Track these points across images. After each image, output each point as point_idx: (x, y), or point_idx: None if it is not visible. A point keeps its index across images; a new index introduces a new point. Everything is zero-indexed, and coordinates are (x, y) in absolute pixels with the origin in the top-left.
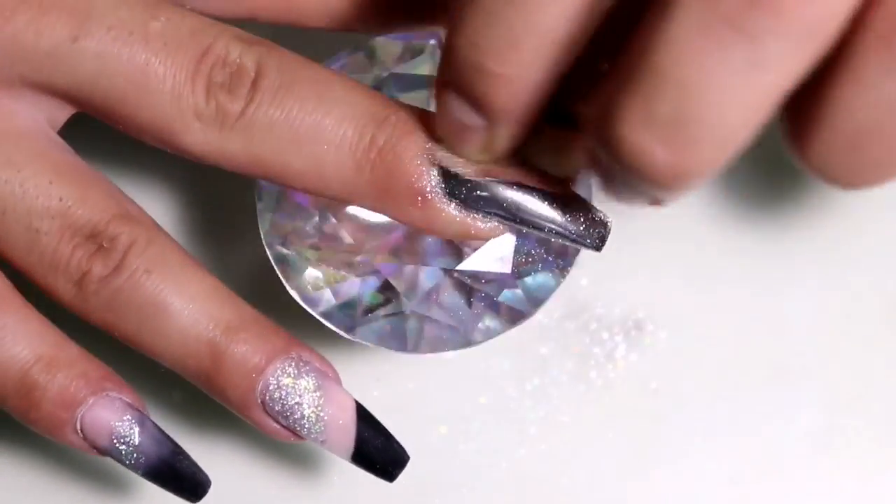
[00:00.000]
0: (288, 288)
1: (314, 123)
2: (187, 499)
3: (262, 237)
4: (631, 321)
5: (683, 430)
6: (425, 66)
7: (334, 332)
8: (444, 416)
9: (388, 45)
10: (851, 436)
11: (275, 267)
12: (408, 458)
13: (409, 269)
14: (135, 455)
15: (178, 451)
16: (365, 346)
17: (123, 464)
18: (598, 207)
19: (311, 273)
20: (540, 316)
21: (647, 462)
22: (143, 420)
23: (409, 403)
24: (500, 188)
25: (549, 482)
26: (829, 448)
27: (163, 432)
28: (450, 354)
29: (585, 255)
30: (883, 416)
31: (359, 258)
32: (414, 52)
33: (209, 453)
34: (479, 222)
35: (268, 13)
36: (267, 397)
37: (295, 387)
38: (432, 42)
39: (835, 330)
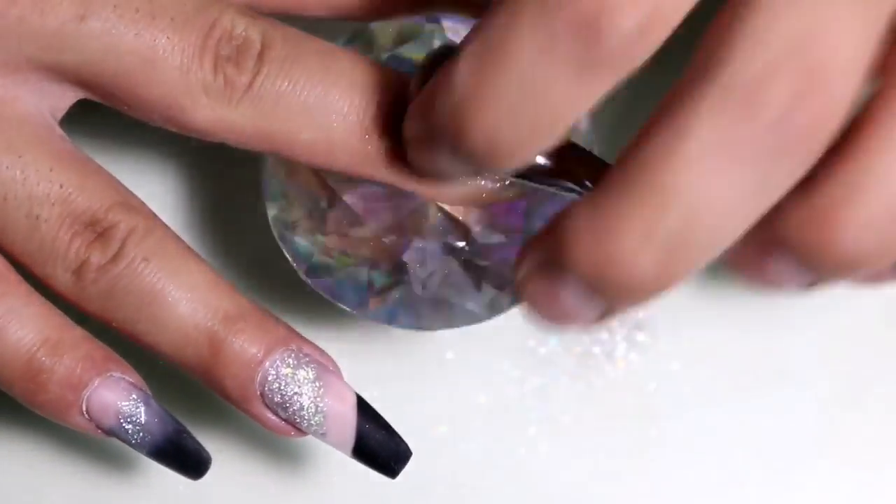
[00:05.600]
0: (300, 274)
1: (322, 94)
2: (190, 476)
3: (271, 224)
4: (631, 321)
5: (683, 430)
6: (424, 49)
7: (341, 324)
8: (444, 416)
9: (387, 28)
10: (851, 435)
11: (285, 253)
12: (410, 453)
13: (417, 248)
14: (141, 434)
15: (181, 429)
16: (366, 342)
17: (129, 443)
18: (601, 158)
19: (321, 258)
20: None
21: (647, 462)
22: (147, 399)
23: (409, 403)
24: None
25: (549, 482)
26: (829, 448)
27: (167, 411)
28: (450, 354)
29: None
30: (883, 416)
31: (367, 241)
32: (412, 36)
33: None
34: (490, 182)
35: (269, 1)
36: (266, 388)
37: (294, 377)
38: (430, 25)
39: (835, 330)
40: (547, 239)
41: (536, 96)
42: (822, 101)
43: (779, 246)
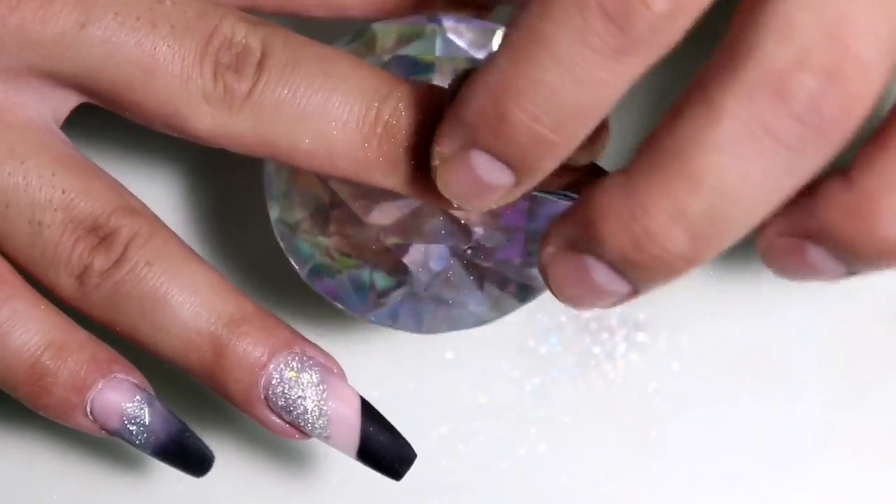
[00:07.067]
0: (301, 276)
1: (321, 100)
2: (193, 474)
3: (273, 226)
4: (631, 321)
5: (683, 430)
6: (426, 50)
7: (342, 325)
8: (444, 416)
9: (388, 29)
10: (851, 435)
11: (287, 255)
12: (415, 455)
13: (419, 250)
14: (145, 435)
15: (185, 428)
16: (366, 341)
17: (133, 444)
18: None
19: (323, 260)
20: (540, 316)
21: (647, 462)
22: (151, 400)
23: (409, 403)
24: None
25: (549, 482)
26: (829, 447)
27: (171, 411)
28: (450, 354)
29: None
30: (882, 416)
31: (369, 243)
32: (414, 36)
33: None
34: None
35: (269, 2)
36: (270, 392)
37: (298, 380)
38: (431, 25)
39: (835, 330)
40: (575, 218)
41: (574, 81)
42: (851, 92)
43: (817, 235)
